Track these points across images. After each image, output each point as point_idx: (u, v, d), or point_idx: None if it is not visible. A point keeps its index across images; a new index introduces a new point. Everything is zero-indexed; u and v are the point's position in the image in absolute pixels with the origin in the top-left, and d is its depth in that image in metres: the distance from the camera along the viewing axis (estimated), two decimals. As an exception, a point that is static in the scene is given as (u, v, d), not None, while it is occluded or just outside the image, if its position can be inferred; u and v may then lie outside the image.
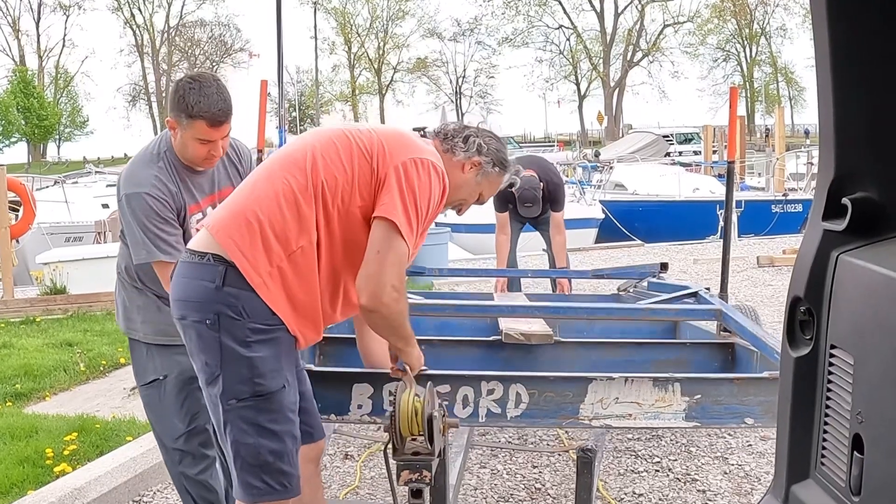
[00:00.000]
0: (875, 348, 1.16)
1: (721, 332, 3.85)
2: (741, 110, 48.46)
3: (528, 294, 5.37)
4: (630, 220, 15.97)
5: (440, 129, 2.36)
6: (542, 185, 5.54)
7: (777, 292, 8.04)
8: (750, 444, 3.99)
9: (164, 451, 2.84)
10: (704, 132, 28.94)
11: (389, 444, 2.15)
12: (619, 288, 5.37)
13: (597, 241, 14.67)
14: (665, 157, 30.52)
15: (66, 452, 3.78)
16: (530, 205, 5.53)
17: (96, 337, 6.39)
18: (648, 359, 3.54)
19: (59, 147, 58.13)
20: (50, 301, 7.66)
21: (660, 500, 3.42)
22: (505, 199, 5.58)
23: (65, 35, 55.76)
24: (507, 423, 2.60)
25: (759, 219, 15.14)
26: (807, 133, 40.91)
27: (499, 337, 3.58)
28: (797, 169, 20.51)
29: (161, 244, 2.54)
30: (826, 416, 1.29)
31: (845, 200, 1.26)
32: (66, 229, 14.29)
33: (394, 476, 2.19)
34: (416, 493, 2.12)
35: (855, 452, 1.20)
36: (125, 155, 48.45)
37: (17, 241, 9.99)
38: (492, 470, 3.76)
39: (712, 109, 55.06)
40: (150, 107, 57.76)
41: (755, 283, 8.76)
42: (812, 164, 18.47)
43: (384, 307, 2.06)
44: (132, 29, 56.78)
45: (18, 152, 52.96)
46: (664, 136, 34.08)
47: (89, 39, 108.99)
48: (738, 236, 12.70)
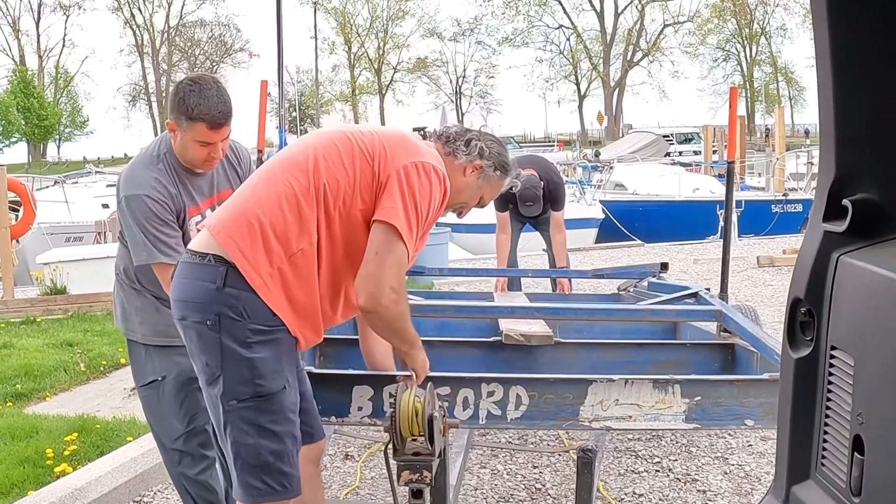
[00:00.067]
0: (875, 349, 1.16)
1: (721, 332, 3.85)
2: (741, 110, 48.45)
3: (529, 294, 5.37)
4: (630, 220, 15.96)
5: (442, 132, 2.36)
6: (543, 183, 5.53)
7: (777, 292, 8.03)
8: (750, 445, 3.99)
9: (163, 452, 2.85)
10: (704, 132, 28.93)
11: (390, 445, 2.15)
12: (619, 287, 5.37)
13: (597, 241, 14.66)
14: (665, 157, 30.52)
15: (66, 453, 3.78)
16: (531, 203, 5.51)
17: (97, 337, 6.39)
18: (648, 359, 3.54)
19: (59, 147, 58.20)
20: (50, 301, 7.66)
21: (660, 500, 3.42)
22: (505, 198, 5.55)
23: (65, 35, 55.93)
24: (507, 426, 2.60)
25: (759, 219, 15.15)
26: (807, 133, 40.94)
27: (499, 338, 3.58)
28: (797, 169, 20.51)
29: (161, 246, 2.54)
30: (826, 416, 1.29)
31: (846, 202, 1.26)
32: (67, 229, 14.28)
33: (394, 476, 2.19)
34: (416, 494, 2.12)
35: (855, 453, 1.20)
36: (125, 155, 48.53)
37: (18, 242, 9.98)
38: (492, 470, 3.76)
39: (712, 109, 55.19)
40: (150, 107, 57.80)
41: (755, 283, 8.76)
42: (812, 164, 18.48)
43: (382, 308, 2.06)
44: (132, 29, 56.88)
45: (18, 152, 53.09)
46: (664, 136, 34.08)
47: (89, 39, 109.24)
48: (738, 236, 12.71)
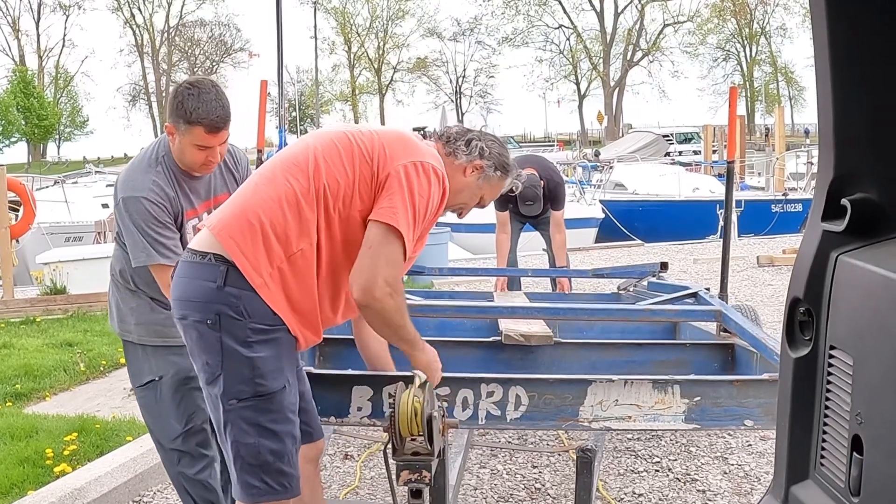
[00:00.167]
0: (874, 349, 1.16)
1: (721, 332, 3.85)
2: (741, 110, 48.45)
3: (528, 293, 5.37)
4: (630, 219, 15.96)
5: (443, 133, 2.36)
6: (543, 183, 5.53)
7: (777, 292, 8.03)
8: (750, 444, 3.99)
9: (161, 452, 2.85)
10: (704, 132, 28.92)
11: (389, 445, 2.15)
12: (618, 287, 5.36)
13: (597, 241, 14.65)
14: (665, 156, 30.48)
15: (66, 452, 3.78)
16: (531, 202, 5.50)
17: (96, 337, 6.39)
18: (648, 359, 3.53)
19: (59, 147, 58.18)
20: (50, 301, 7.66)
21: (660, 500, 3.42)
22: (505, 198, 5.54)
23: (65, 35, 55.88)
24: (506, 426, 2.60)
25: (759, 218, 15.15)
26: (807, 133, 40.89)
27: (498, 338, 3.58)
28: (797, 168, 20.53)
29: (160, 248, 2.55)
30: (825, 416, 1.29)
31: (845, 201, 1.25)
32: (66, 229, 14.28)
33: (393, 476, 2.19)
34: (415, 494, 2.12)
35: (854, 453, 1.19)
36: (125, 155, 48.53)
37: (17, 241, 9.96)
38: (491, 470, 3.76)
39: (712, 109, 55.17)
40: (150, 107, 57.78)
41: (755, 283, 8.76)
42: (812, 163, 18.49)
43: (376, 301, 2.04)
44: (132, 29, 56.85)
45: (18, 152, 53.09)
46: (664, 136, 34.04)
47: (89, 39, 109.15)
48: (738, 236, 12.72)
